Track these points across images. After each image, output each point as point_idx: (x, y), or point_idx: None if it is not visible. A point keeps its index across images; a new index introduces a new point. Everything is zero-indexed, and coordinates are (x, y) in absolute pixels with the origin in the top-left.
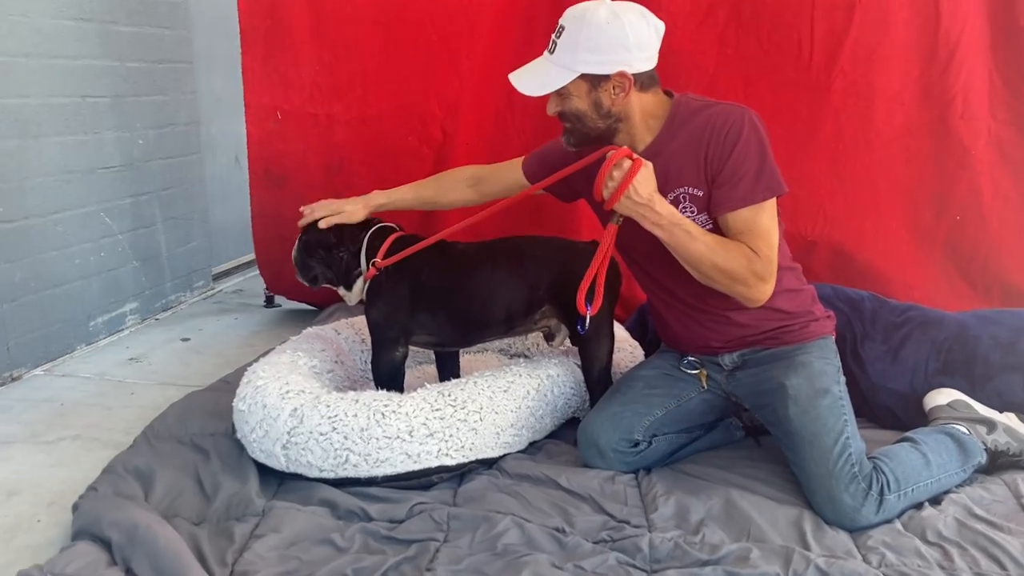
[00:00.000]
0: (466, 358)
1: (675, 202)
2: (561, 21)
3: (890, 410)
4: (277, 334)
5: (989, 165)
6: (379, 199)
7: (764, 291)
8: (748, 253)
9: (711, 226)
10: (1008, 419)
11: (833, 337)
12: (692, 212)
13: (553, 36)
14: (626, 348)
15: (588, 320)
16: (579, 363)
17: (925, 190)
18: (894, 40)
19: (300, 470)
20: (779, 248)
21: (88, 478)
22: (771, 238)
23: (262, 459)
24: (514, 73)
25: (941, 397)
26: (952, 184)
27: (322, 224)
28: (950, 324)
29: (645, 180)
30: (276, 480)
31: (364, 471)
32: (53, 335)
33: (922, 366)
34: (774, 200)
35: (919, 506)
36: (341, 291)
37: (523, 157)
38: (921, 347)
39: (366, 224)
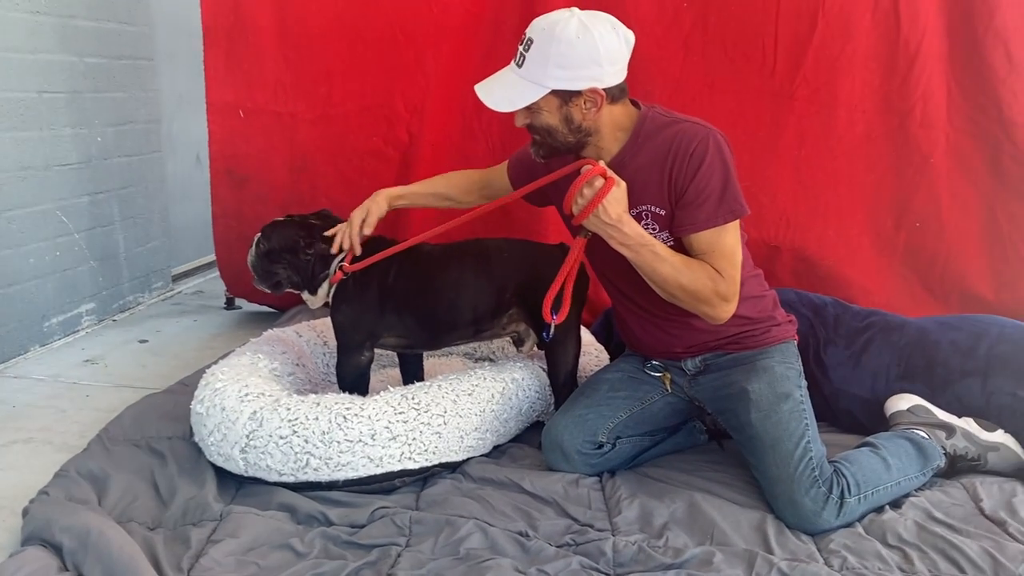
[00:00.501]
0: (431, 361)
1: (637, 218)
2: (528, 32)
3: (851, 414)
4: (237, 336)
5: (947, 173)
6: (395, 192)
7: (727, 310)
8: (713, 274)
9: (672, 243)
10: (967, 424)
11: (795, 341)
12: (654, 229)
13: (520, 48)
14: (591, 352)
15: (553, 328)
16: (544, 367)
17: (886, 197)
18: (856, 49)
19: (259, 474)
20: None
21: (40, 482)
22: (735, 258)
23: (220, 463)
24: (481, 85)
25: (902, 403)
26: (912, 192)
27: (365, 230)
28: (911, 330)
29: (616, 200)
30: (234, 484)
31: (325, 475)
32: (6, 336)
33: (883, 371)
34: (738, 221)
35: (879, 510)
36: (305, 295)
37: (506, 161)
38: (883, 352)
39: (332, 225)
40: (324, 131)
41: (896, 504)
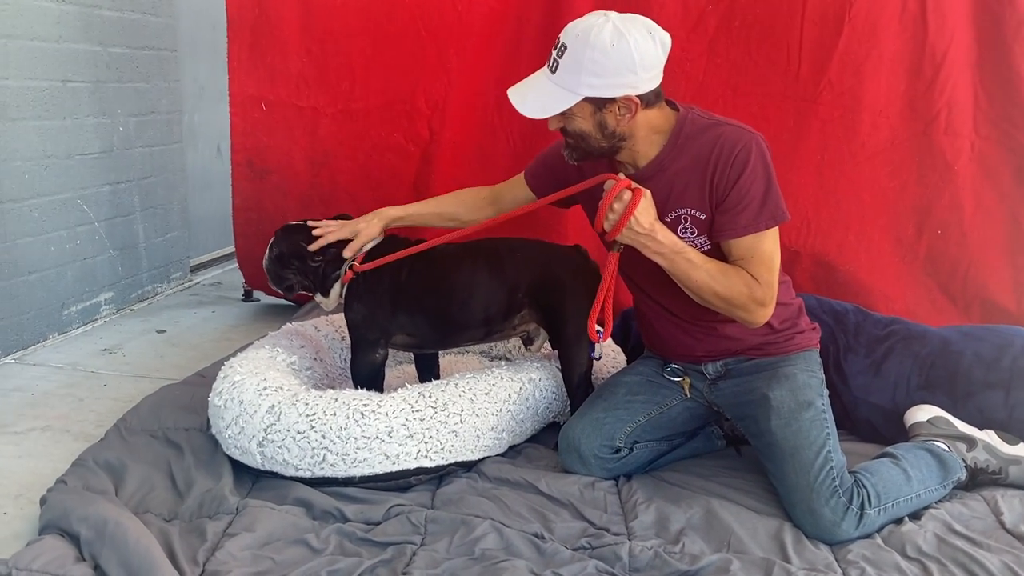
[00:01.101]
0: (447, 359)
1: (675, 222)
2: (562, 37)
3: (871, 424)
4: (255, 329)
5: (971, 181)
6: (394, 212)
7: (764, 315)
8: (748, 280)
9: (709, 247)
10: (988, 436)
11: (818, 350)
12: (692, 233)
13: (553, 53)
14: (608, 353)
15: (599, 346)
16: (561, 367)
17: (908, 204)
18: (881, 54)
19: (276, 468)
20: None
21: (57, 471)
22: (773, 263)
23: (237, 456)
24: (514, 89)
25: (922, 413)
26: (934, 199)
27: (346, 253)
28: (933, 339)
29: (646, 210)
30: (251, 478)
31: (341, 471)
32: (25, 323)
33: (904, 381)
34: (777, 226)
35: (899, 521)
36: (318, 297)
37: (523, 172)
38: (904, 362)
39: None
40: (345, 126)
41: (916, 516)
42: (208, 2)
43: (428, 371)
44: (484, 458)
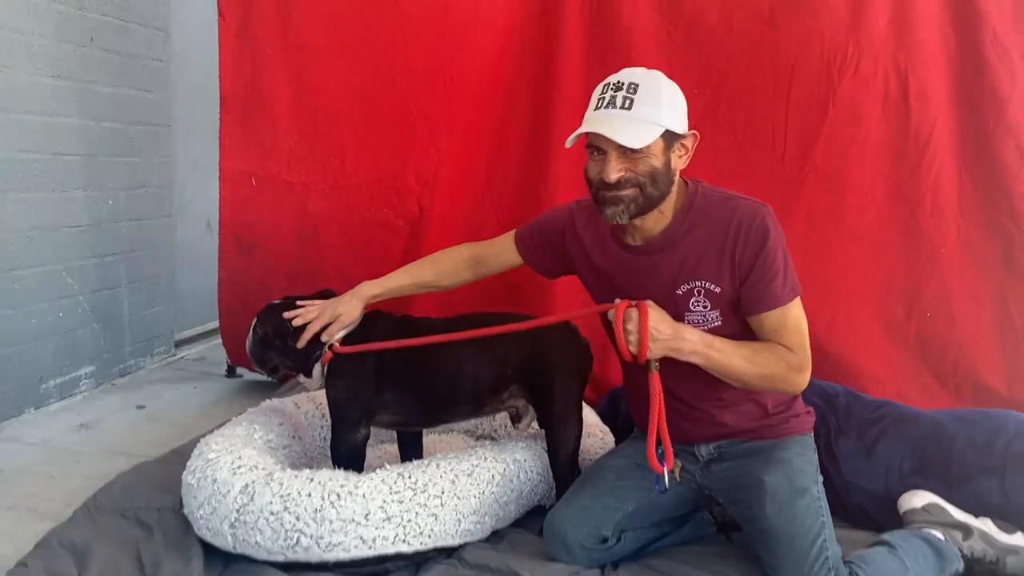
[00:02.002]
0: (430, 438)
1: (687, 295)
2: (627, 80)
3: (864, 509)
4: (237, 405)
5: (958, 264)
6: (371, 289)
7: (803, 380)
8: (781, 351)
9: (720, 323)
10: (984, 524)
11: (812, 434)
12: (705, 307)
13: (617, 94)
14: (596, 434)
15: (667, 476)
16: (547, 447)
17: (896, 286)
18: (866, 138)
19: (248, 551)
20: None
21: (20, 552)
22: (802, 328)
23: (208, 537)
24: (597, 127)
25: (916, 500)
26: (923, 281)
27: (324, 337)
28: (925, 422)
29: (660, 318)
30: (221, 561)
31: (316, 555)
32: (1, 397)
33: (896, 465)
34: (797, 300)
35: None
36: (301, 378)
37: (514, 233)
38: (896, 445)
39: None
40: (335, 201)
41: None
42: (203, 79)
43: (411, 450)
44: (465, 544)
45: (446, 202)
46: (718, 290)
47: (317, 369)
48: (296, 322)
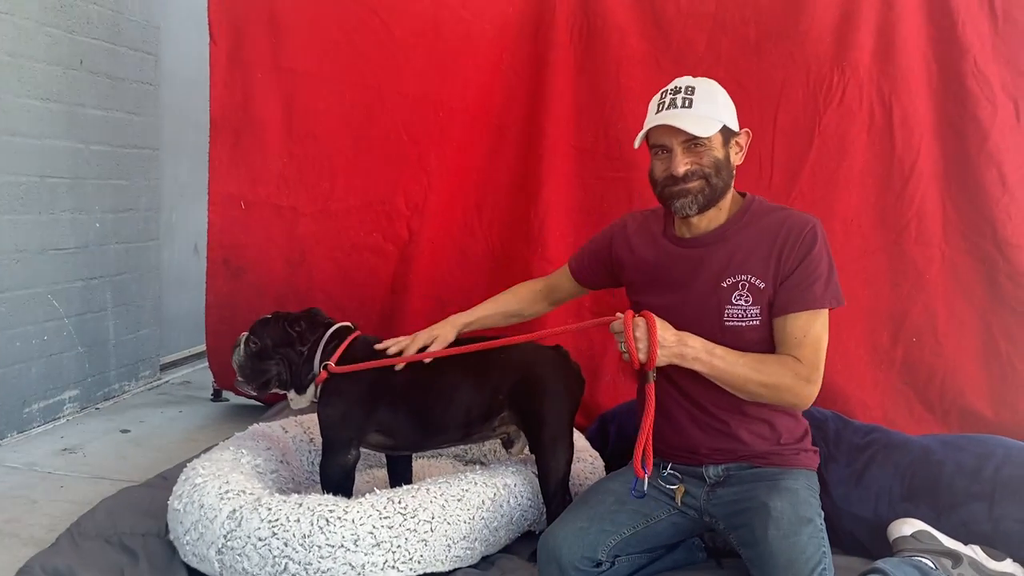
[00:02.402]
0: (419, 463)
1: (731, 288)
2: (683, 84)
3: (854, 535)
4: (223, 430)
5: (943, 290)
6: (464, 318)
7: (811, 393)
8: (788, 361)
9: (759, 323)
10: (974, 552)
11: (816, 474)
12: (746, 302)
13: (676, 97)
14: (586, 458)
15: (647, 483)
16: (537, 472)
17: (882, 312)
18: (851, 165)
19: None
20: None
21: None
22: (819, 345)
23: (194, 564)
24: (664, 122)
25: (905, 527)
26: (908, 307)
27: (427, 359)
28: (914, 449)
29: (664, 326)
30: None
31: None
32: None
33: (886, 492)
34: (827, 312)
35: None
36: (291, 395)
37: (567, 267)
38: (885, 471)
39: (321, 324)
40: (324, 225)
41: None
42: (192, 103)
43: (400, 475)
44: (455, 570)
45: (435, 226)
46: (762, 285)
47: (311, 389)
48: (392, 350)
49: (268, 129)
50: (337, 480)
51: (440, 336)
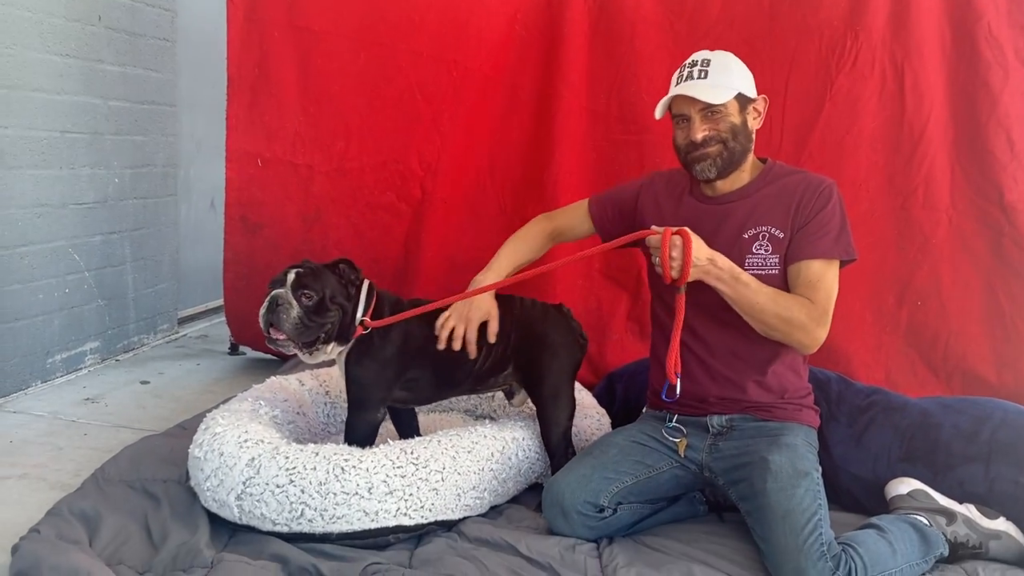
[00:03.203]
0: (431, 416)
1: (752, 238)
2: (700, 57)
3: (852, 494)
4: (240, 382)
5: (949, 254)
6: (492, 280)
7: (820, 335)
8: (804, 302)
9: (777, 272)
10: (968, 511)
11: (816, 432)
12: (766, 251)
13: (694, 70)
14: (593, 415)
15: (678, 387)
16: (540, 426)
17: (888, 275)
18: (861, 130)
19: (253, 522)
20: None
21: (31, 519)
22: (831, 293)
23: (215, 509)
24: (679, 92)
25: (902, 486)
26: (913, 270)
27: (491, 338)
28: (913, 411)
29: (700, 245)
30: (227, 532)
31: (319, 527)
32: (8, 370)
33: (885, 453)
34: (838, 264)
35: None
36: (301, 352)
37: (586, 204)
38: (884, 433)
39: (355, 275)
40: (339, 184)
41: None
42: (209, 60)
43: (408, 424)
44: (464, 518)
45: (448, 186)
46: (781, 235)
47: (334, 345)
48: (443, 333)
49: (284, 87)
50: (364, 436)
51: (490, 312)
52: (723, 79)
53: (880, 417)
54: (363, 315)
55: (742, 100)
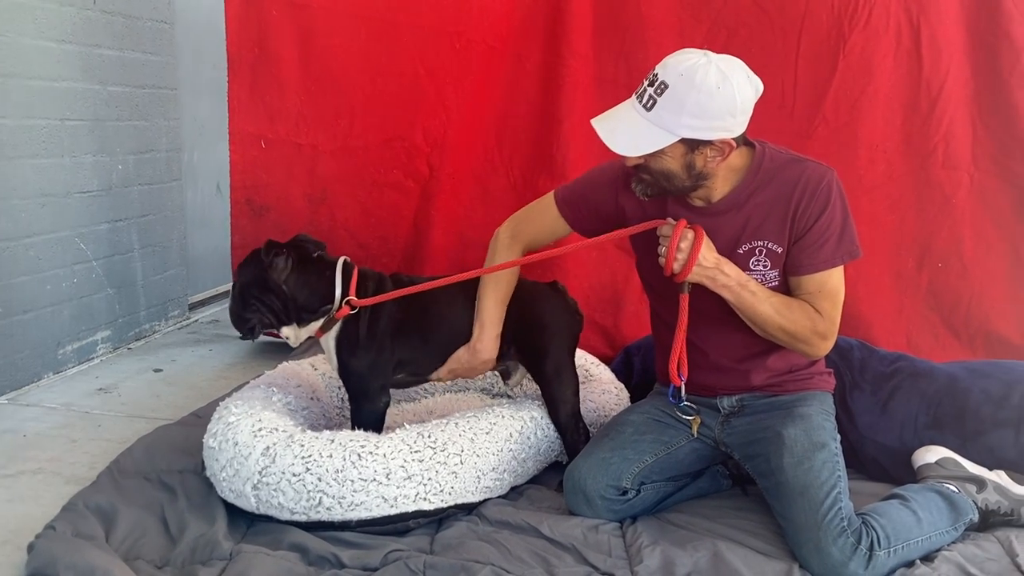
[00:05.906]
0: (447, 397)
1: (748, 254)
2: (661, 75)
3: (878, 463)
4: (252, 367)
5: (971, 214)
6: (494, 328)
7: (824, 348)
8: (811, 313)
9: (778, 283)
10: (998, 477)
11: (832, 395)
12: (765, 266)
13: (649, 89)
14: (611, 391)
15: (683, 390)
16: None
17: (907, 237)
18: (877, 89)
19: (271, 512)
20: None
21: (47, 515)
22: (837, 297)
23: (231, 499)
24: (599, 121)
25: (930, 455)
26: (934, 232)
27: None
28: (940, 377)
29: (709, 246)
30: (245, 522)
31: (338, 515)
32: (20, 363)
33: (912, 420)
34: (842, 267)
35: (910, 564)
36: (284, 331)
37: (555, 206)
38: (911, 400)
39: (325, 260)
40: (344, 163)
41: (928, 559)
42: (208, 42)
43: None
44: (485, 500)
45: (456, 161)
46: (779, 250)
47: (314, 324)
48: (445, 376)
49: (284, 66)
50: (371, 426)
51: (489, 358)
52: (666, 119)
53: (906, 384)
54: (342, 295)
55: (691, 143)
